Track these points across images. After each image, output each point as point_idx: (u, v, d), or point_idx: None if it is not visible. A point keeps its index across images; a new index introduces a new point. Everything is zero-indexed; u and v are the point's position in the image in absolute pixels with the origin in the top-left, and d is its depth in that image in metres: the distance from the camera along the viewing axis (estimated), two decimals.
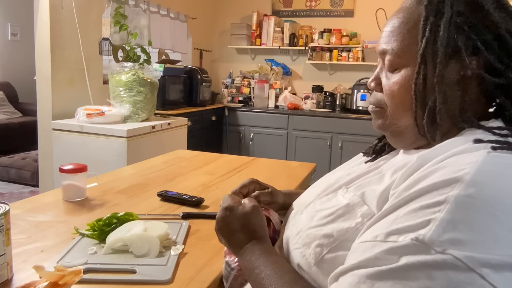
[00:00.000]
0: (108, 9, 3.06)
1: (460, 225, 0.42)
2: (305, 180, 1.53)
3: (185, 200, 1.18)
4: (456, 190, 0.44)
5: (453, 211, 0.43)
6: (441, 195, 0.44)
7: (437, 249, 0.41)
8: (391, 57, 0.61)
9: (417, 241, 0.42)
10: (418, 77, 0.57)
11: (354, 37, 4.38)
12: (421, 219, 0.44)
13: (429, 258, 0.41)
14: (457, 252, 0.40)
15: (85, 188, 1.20)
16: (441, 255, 0.41)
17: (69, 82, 2.82)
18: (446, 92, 0.56)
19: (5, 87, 5.51)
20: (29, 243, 0.89)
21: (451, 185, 0.45)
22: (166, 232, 0.89)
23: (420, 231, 0.43)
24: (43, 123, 2.75)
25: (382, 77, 0.64)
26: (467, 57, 0.54)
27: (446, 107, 0.56)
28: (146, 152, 2.48)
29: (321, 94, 4.44)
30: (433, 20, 0.56)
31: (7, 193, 3.52)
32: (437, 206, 0.44)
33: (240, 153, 4.31)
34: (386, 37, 0.63)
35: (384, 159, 0.69)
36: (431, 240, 0.42)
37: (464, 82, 0.56)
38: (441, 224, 0.42)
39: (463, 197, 0.43)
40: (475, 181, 0.44)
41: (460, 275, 0.40)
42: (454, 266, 0.40)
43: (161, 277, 0.76)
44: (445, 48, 0.55)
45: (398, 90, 0.60)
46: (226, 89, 4.76)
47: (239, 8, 4.88)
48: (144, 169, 1.58)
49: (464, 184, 0.44)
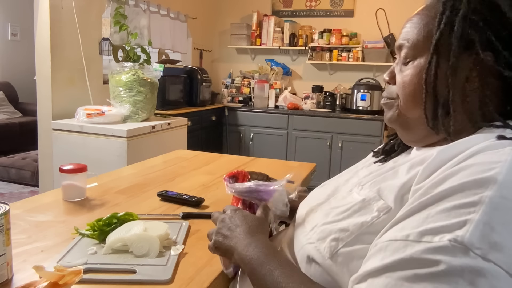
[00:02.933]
0: (108, 9, 3.06)
1: (498, 228, 0.41)
2: (305, 180, 1.53)
3: (185, 200, 1.18)
4: (490, 191, 0.43)
5: (489, 213, 0.42)
6: (475, 195, 0.44)
7: (477, 252, 0.40)
8: (406, 49, 0.62)
9: (456, 242, 0.41)
10: (430, 67, 0.58)
11: (354, 37, 4.38)
12: (456, 219, 0.43)
13: (470, 262, 0.40)
14: (498, 257, 0.40)
15: (85, 188, 1.20)
16: (483, 261, 0.40)
17: (69, 82, 2.82)
18: (460, 85, 0.56)
19: (5, 87, 5.51)
20: (29, 243, 0.89)
21: (484, 185, 0.44)
22: (166, 232, 0.89)
23: (457, 231, 0.42)
24: (43, 123, 2.75)
25: (396, 71, 0.66)
26: (481, 51, 0.55)
27: (461, 101, 0.56)
28: (146, 152, 2.48)
29: (321, 94, 4.44)
30: (449, 14, 0.57)
31: (7, 193, 3.52)
32: (472, 206, 0.43)
33: (240, 153, 4.31)
34: (404, 33, 0.64)
35: (395, 161, 0.68)
36: (470, 242, 0.41)
37: (480, 77, 0.56)
38: (478, 226, 0.42)
39: (498, 198, 0.43)
40: (508, 181, 0.44)
41: (502, 283, 0.39)
42: (496, 273, 0.39)
43: (161, 277, 0.76)
44: (459, 40, 0.55)
45: (410, 80, 0.61)
46: (226, 89, 4.76)
47: (239, 8, 4.88)
48: (144, 169, 1.58)
49: (497, 185, 0.44)
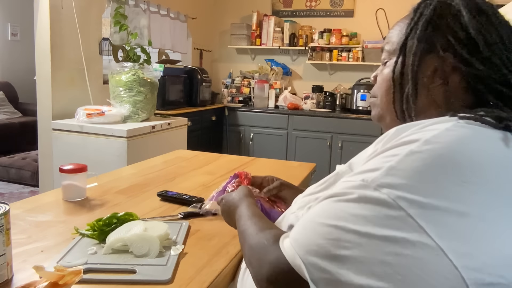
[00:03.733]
0: (108, 9, 3.06)
1: (400, 172, 0.47)
2: (305, 180, 1.53)
3: (185, 200, 1.18)
4: (412, 146, 0.49)
5: (400, 161, 0.49)
6: (399, 150, 0.50)
7: (375, 187, 0.48)
8: (385, 51, 0.71)
9: (363, 181, 0.49)
10: (396, 66, 0.66)
11: (354, 37, 4.38)
12: (373, 167, 0.50)
13: (366, 193, 0.48)
14: (391, 192, 0.47)
15: (85, 188, 1.20)
16: (378, 193, 0.47)
17: (69, 82, 2.82)
18: (422, 81, 0.63)
19: (5, 87, 5.51)
20: (29, 243, 0.89)
21: (411, 143, 0.50)
22: (166, 232, 0.89)
23: (369, 173, 0.50)
24: (43, 123, 2.75)
25: (378, 72, 0.73)
26: (441, 51, 0.61)
27: (427, 96, 0.63)
28: (146, 152, 2.48)
29: (321, 94, 4.44)
30: (416, 20, 0.65)
31: (7, 193, 3.52)
32: (392, 157, 0.50)
33: (240, 153, 4.31)
34: (387, 37, 0.72)
35: None
36: (373, 181, 0.48)
37: (443, 73, 0.62)
38: (386, 170, 0.49)
39: (415, 152, 0.49)
40: (431, 141, 0.49)
41: (390, 211, 0.46)
42: (386, 203, 0.46)
43: (161, 277, 0.76)
44: (419, 42, 0.63)
45: (384, 80, 0.69)
46: (226, 89, 4.76)
47: (239, 8, 4.88)
48: (144, 169, 1.58)
49: (421, 142, 0.49)
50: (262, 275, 0.56)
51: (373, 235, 0.46)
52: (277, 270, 0.54)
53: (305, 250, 0.50)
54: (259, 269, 0.57)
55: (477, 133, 0.51)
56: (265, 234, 0.62)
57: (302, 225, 0.54)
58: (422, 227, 0.44)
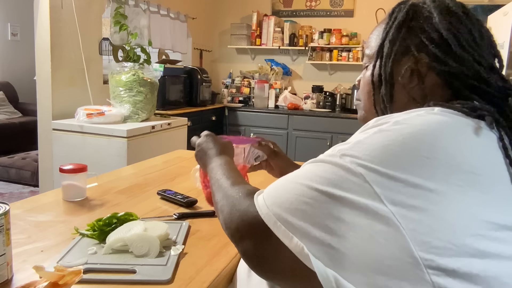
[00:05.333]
0: (108, 9, 3.06)
1: (366, 145, 0.51)
2: None
3: (177, 200, 1.18)
4: (382, 126, 0.53)
5: (368, 137, 0.53)
6: (371, 130, 0.54)
7: (340, 156, 0.52)
8: (366, 56, 0.74)
9: (338, 152, 0.53)
10: (374, 70, 0.69)
11: (354, 37, 4.38)
12: (346, 142, 0.55)
13: (332, 160, 0.53)
14: (353, 160, 0.51)
15: (85, 188, 1.20)
16: (342, 160, 0.51)
17: (69, 82, 2.82)
18: (399, 82, 0.66)
19: (5, 87, 5.51)
20: (29, 243, 0.89)
21: (382, 124, 0.54)
22: (166, 232, 0.89)
23: (340, 146, 0.54)
24: (43, 123, 2.75)
25: (362, 75, 0.76)
26: (416, 52, 0.64)
27: (405, 95, 0.65)
28: (146, 152, 2.48)
29: (321, 94, 4.44)
30: (390, 24, 0.67)
31: (7, 193, 3.52)
32: (362, 134, 0.54)
33: None
34: (367, 42, 0.74)
35: None
36: (340, 151, 0.53)
37: (419, 73, 0.64)
38: (353, 144, 0.53)
39: (383, 130, 0.53)
40: (400, 122, 0.53)
41: (350, 176, 0.50)
42: (348, 169, 0.50)
43: (161, 277, 0.76)
44: (393, 45, 0.66)
45: (364, 83, 0.73)
46: (226, 89, 4.76)
47: (239, 8, 4.88)
48: (144, 169, 1.58)
49: (390, 123, 0.53)
50: (232, 222, 0.60)
51: (332, 195, 0.50)
52: (247, 218, 0.57)
53: (272, 201, 0.55)
54: (229, 216, 0.61)
55: (447, 119, 0.53)
56: (240, 187, 0.66)
57: (275, 183, 0.59)
58: (377, 193, 0.47)
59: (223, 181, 0.73)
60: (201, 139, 0.97)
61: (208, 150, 0.92)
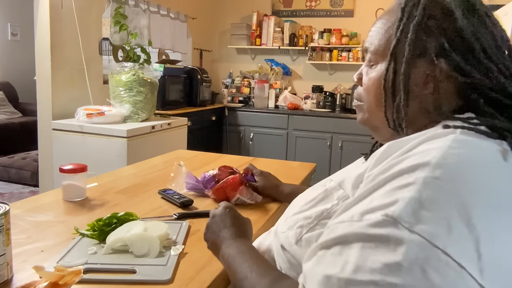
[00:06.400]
0: (108, 9, 3.06)
1: (426, 204, 0.44)
2: (305, 180, 1.53)
3: (173, 200, 1.17)
4: (423, 173, 0.46)
5: (419, 190, 0.45)
6: (411, 177, 0.46)
7: (404, 225, 0.43)
8: (370, 53, 0.66)
9: (387, 217, 0.44)
10: (388, 74, 0.61)
11: (354, 37, 4.38)
12: (390, 199, 0.46)
13: (396, 233, 0.43)
14: (422, 229, 0.42)
15: (85, 188, 1.20)
16: (409, 233, 0.43)
17: (69, 82, 2.82)
18: (412, 89, 0.59)
19: (5, 87, 5.51)
20: (29, 243, 0.89)
21: (419, 168, 0.47)
22: (166, 232, 0.89)
23: (390, 208, 0.45)
24: (43, 123, 2.75)
25: (364, 73, 0.68)
26: (435, 57, 0.57)
27: (418, 104, 0.59)
28: (146, 152, 2.48)
29: (321, 94, 4.44)
30: (405, 21, 0.60)
31: (7, 193, 3.52)
32: (406, 187, 0.46)
33: (240, 153, 4.31)
34: (369, 36, 0.67)
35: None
36: (399, 216, 0.44)
37: (435, 81, 0.58)
38: (409, 202, 0.44)
39: (430, 178, 0.45)
40: (441, 163, 0.46)
41: (423, 251, 0.42)
42: (419, 242, 0.42)
43: (161, 277, 0.76)
44: (412, 48, 0.58)
45: (372, 85, 0.64)
46: (226, 89, 4.76)
47: (239, 8, 4.88)
48: (144, 169, 1.58)
49: (431, 167, 0.46)
50: None
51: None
52: None
53: None
54: None
55: (478, 150, 0.49)
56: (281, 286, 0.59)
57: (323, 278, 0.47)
58: (462, 266, 0.41)
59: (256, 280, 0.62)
60: (219, 210, 0.84)
61: (225, 228, 0.79)
